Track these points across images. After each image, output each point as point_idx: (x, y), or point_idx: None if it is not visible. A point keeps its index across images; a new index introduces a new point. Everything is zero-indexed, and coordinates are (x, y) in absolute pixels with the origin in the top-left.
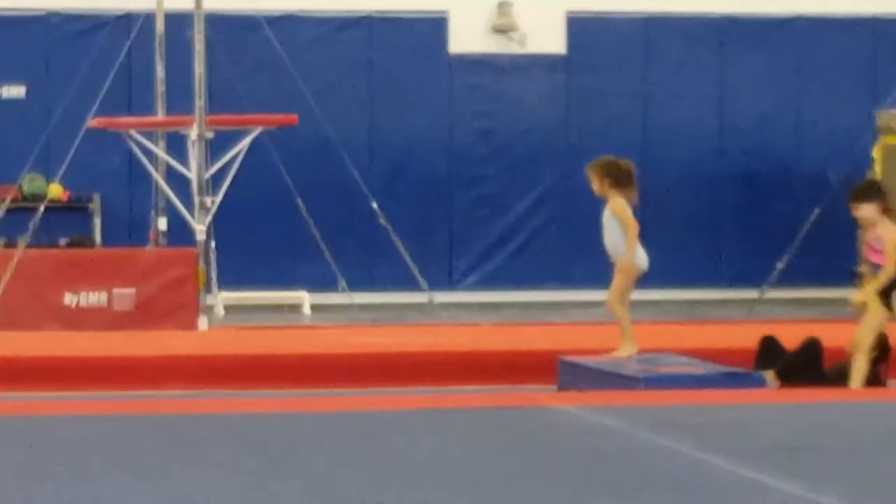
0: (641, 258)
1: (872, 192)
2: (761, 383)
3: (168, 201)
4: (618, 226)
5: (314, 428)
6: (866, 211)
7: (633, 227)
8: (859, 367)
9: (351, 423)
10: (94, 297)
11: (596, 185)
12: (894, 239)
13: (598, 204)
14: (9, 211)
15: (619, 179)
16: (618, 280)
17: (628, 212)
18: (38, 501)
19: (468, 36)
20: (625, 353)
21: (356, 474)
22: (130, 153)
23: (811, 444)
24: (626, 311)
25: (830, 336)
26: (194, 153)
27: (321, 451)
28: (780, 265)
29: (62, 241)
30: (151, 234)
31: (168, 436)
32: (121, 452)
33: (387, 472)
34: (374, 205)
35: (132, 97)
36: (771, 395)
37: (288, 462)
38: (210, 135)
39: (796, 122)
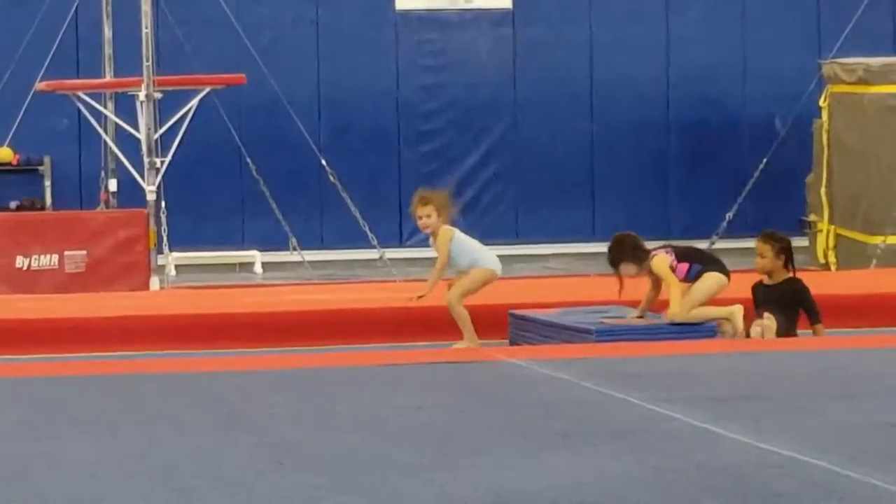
0: (497, 263)
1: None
2: (712, 334)
3: (118, 162)
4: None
5: (267, 385)
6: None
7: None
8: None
9: (304, 379)
10: (45, 260)
11: (433, 221)
12: None
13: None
14: None
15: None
16: (466, 283)
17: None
18: None
19: None
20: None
21: (309, 430)
22: (79, 115)
23: (760, 392)
24: (462, 307)
25: None
26: (143, 114)
27: (274, 407)
28: (729, 215)
29: (12, 204)
30: (102, 196)
31: (121, 395)
32: (74, 412)
33: (339, 426)
34: (324, 162)
35: (80, 59)
36: (720, 344)
37: (240, 419)
38: (158, 95)
39: (742, 71)
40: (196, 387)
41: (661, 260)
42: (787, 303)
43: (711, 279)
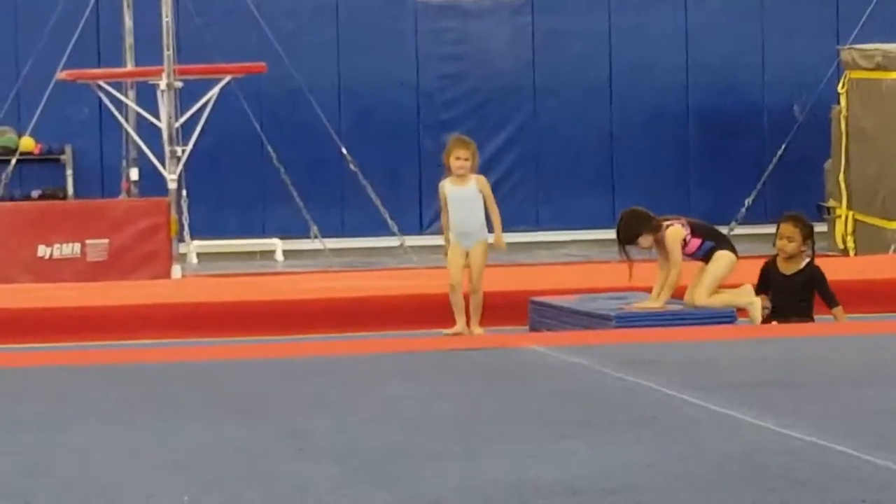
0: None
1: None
2: (732, 320)
3: (139, 151)
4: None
5: (287, 374)
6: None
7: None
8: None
9: (323, 368)
10: (67, 249)
11: (473, 165)
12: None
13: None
14: None
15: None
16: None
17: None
18: (8, 450)
19: None
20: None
21: (327, 418)
22: (101, 104)
23: (780, 379)
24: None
25: None
26: (164, 103)
27: (293, 396)
28: (748, 201)
29: (35, 194)
30: (123, 185)
31: (142, 384)
32: (95, 402)
33: (358, 415)
34: (344, 150)
35: (101, 48)
36: (740, 330)
37: (260, 409)
38: (179, 84)
39: (761, 58)
40: (217, 376)
41: (676, 231)
42: (805, 291)
43: (725, 259)
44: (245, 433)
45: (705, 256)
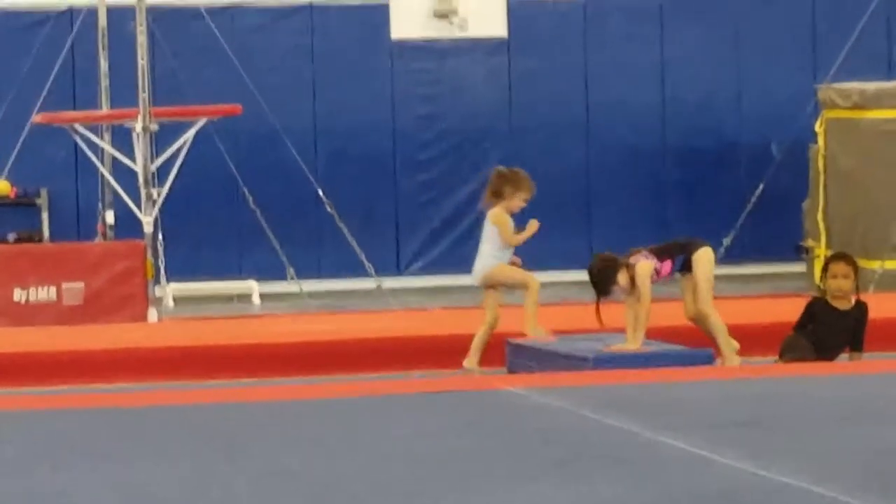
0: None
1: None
2: (709, 360)
3: (115, 194)
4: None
5: (267, 416)
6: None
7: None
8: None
9: (303, 410)
10: (43, 293)
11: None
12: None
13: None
14: None
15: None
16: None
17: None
18: None
19: (409, 21)
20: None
21: (309, 459)
22: (76, 147)
23: (758, 419)
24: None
25: (780, 311)
26: (139, 146)
27: (273, 438)
28: (726, 241)
29: (10, 237)
30: (99, 228)
31: (120, 427)
32: (74, 445)
33: (338, 456)
34: (320, 192)
35: (76, 91)
36: (718, 371)
37: (240, 450)
38: (155, 127)
39: (738, 96)
40: (196, 418)
41: (645, 266)
42: (858, 328)
43: (705, 257)
44: (226, 475)
45: (682, 269)
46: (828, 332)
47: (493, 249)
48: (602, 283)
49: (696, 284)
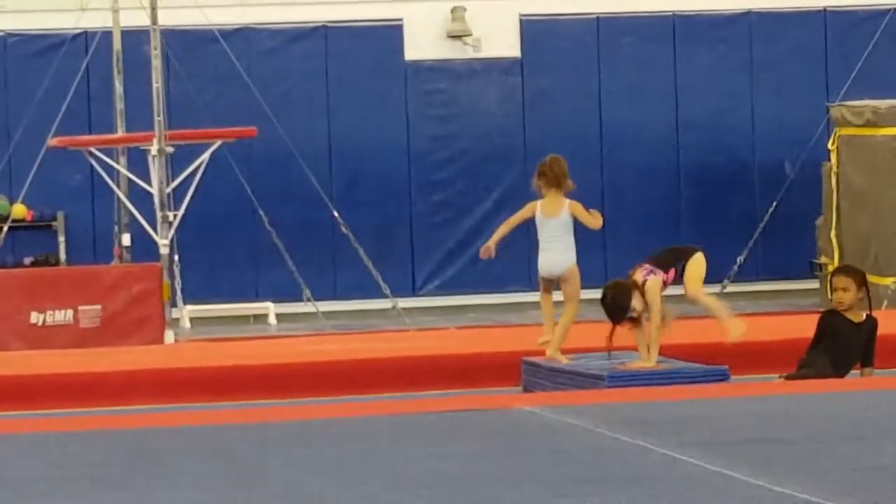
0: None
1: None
2: (725, 378)
3: (131, 217)
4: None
5: (283, 437)
6: None
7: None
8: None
9: (319, 430)
10: (60, 315)
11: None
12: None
13: None
14: None
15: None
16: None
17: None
18: None
19: (423, 42)
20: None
21: (324, 481)
22: (92, 170)
23: (775, 436)
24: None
25: (794, 328)
26: (155, 168)
27: (290, 459)
28: (740, 259)
29: (27, 261)
30: (115, 250)
31: (138, 449)
32: (90, 467)
33: (354, 477)
34: (335, 213)
35: (91, 115)
36: (734, 388)
37: (257, 472)
38: (170, 149)
39: (751, 115)
40: (212, 440)
41: (655, 283)
42: (871, 340)
43: (696, 262)
44: (241, 497)
45: (682, 274)
46: (843, 343)
47: (573, 241)
48: (617, 311)
49: (689, 280)
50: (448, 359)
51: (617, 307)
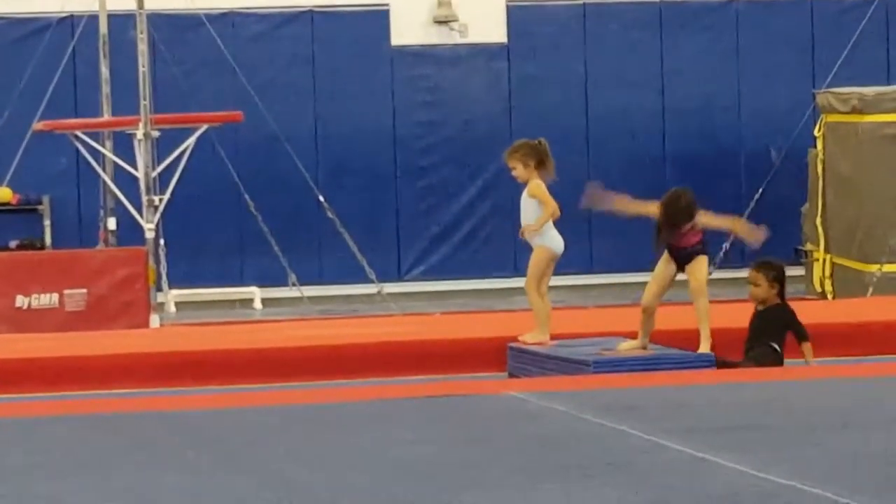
0: (557, 242)
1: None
2: (711, 364)
3: (117, 201)
4: (535, 208)
5: (268, 422)
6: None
7: (552, 206)
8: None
9: (303, 415)
10: (45, 299)
11: (521, 171)
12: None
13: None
14: None
15: (542, 160)
16: (531, 264)
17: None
18: None
19: (409, 28)
20: (533, 339)
21: (309, 466)
22: (78, 154)
23: (759, 422)
24: (539, 297)
25: None
26: (141, 152)
27: (274, 444)
28: (725, 246)
29: (12, 244)
30: (101, 234)
31: (122, 434)
32: (75, 452)
33: (339, 462)
34: (321, 198)
35: (77, 98)
36: (719, 375)
37: (241, 456)
38: (156, 134)
39: (737, 102)
40: (197, 425)
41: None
42: (775, 328)
43: (703, 262)
44: (226, 482)
45: (689, 257)
46: (753, 334)
47: None
48: (682, 216)
49: (694, 277)
50: (433, 344)
51: (683, 211)
